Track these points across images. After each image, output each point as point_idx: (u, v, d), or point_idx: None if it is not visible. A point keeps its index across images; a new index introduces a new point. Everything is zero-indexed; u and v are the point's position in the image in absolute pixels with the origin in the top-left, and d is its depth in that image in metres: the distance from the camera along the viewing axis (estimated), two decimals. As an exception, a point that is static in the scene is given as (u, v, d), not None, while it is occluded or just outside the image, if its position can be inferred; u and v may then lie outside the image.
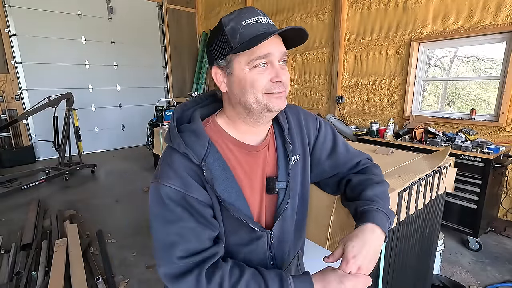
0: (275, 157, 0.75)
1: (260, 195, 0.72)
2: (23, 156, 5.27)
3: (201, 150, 0.64)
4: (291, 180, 0.74)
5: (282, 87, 0.65)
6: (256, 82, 0.63)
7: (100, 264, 2.31)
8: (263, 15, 0.64)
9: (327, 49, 4.32)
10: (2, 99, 5.11)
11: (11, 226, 2.93)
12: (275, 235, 0.74)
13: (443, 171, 1.23)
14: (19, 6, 5.12)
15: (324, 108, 4.54)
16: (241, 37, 0.61)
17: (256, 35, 0.60)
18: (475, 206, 2.45)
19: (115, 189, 4.04)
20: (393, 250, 1.07)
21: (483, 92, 3.26)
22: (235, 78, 0.65)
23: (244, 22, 0.62)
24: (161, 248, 0.63)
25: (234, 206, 0.66)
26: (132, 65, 6.51)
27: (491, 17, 2.71)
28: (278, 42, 0.64)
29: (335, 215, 0.93)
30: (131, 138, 6.66)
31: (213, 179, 0.64)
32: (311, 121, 0.83)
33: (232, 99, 0.68)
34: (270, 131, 0.76)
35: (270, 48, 0.62)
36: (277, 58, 0.64)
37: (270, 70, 0.63)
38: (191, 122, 0.69)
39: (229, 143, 0.70)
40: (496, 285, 2.06)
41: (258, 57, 0.61)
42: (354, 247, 0.65)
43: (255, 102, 0.64)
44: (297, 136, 0.78)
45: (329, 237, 0.95)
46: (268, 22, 0.63)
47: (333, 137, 0.85)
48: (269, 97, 0.64)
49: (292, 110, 0.81)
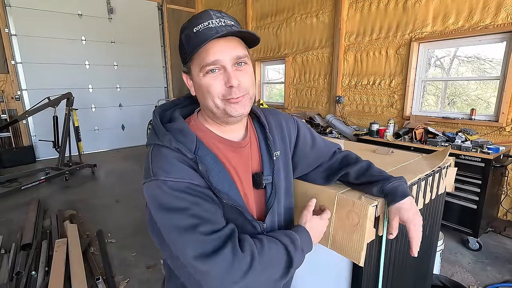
0: (258, 153, 0.77)
1: (248, 190, 0.74)
2: (23, 156, 5.27)
3: (191, 145, 0.65)
4: (275, 174, 0.77)
5: (238, 92, 0.64)
6: (210, 87, 0.63)
7: (100, 264, 2.31)
8: (217, 17, 0.62)
9: (327, 49, 4.32)
10: (2, 99, 5.11)
11: (11, 226, 2.93)
12: (267, 227, 0.76)
13: (443, 171, 1.23)
14: (19, 6, 5.12)
15: (324, 108, 4.54)
16: (192, 44, 0.61)
17: (203, 41, 0.59)
18: (475, 206, 2.45)
19: (115, 189, 4.04)
20: (393, 250, 1.07)
21: (483, 92, 3.26)
22: (195, 84, 0.67)
23: (195, 28, 0.61)
24: (183, 233, 0.59)
25: (229, 196, 0.67)
26: (132, 65, 6.51)
27: (491, 17, 2.71)
28: (230, 45, 0.63)
29: (335, 215, 0.93)
30: (131, 138, 6.66)
31: (208, 171, 0.65)
32: (290, 122, 0.87)
33: (200, 102, 0.70)
34: (250, 129, 0.78)
35: (218, 54, 0.61)
36: (229, 63, 0.63)
37: (223, 75, 0.63)
38: (173, 122, 0.70)
39: (214, 140, 0.71)
40: (496, 285, 2.06)
41: (207, 64, 0.62)
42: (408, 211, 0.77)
43: (215, 107, 0.65)
44: (277, 133, 0.81)
45: (330, 236, 0.95)
46: (219, 25, 0.61)
47: (310, 133, 0.91)
48: (226, 103, 0.64)
49: (271, 112, 0.85)
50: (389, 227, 0.80)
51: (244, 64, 0.65)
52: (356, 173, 0.88)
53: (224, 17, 0.63)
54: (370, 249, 0.94)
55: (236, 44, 0.64)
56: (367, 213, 0.84)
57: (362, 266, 0.87)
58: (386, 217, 0.89)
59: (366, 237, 0.85)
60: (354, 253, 0.88)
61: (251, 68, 0.69)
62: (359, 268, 0.91)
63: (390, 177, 0.84)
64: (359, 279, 0.95)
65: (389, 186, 0.81)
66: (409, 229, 0.76)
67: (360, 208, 0.86)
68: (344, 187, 0.95)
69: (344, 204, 0.90)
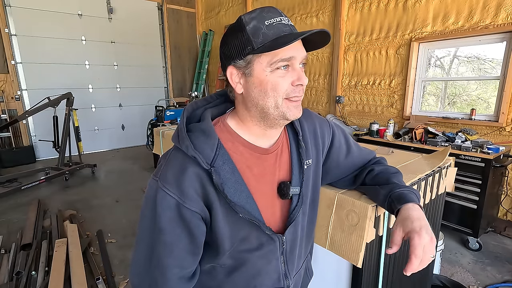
0: (289, 161, 0.72)
1: (270, 199, 0.70)
2: (23, 156, 5.27)
3: (210, 153, 0.61)
4: (304, 185, 0.72)
5: (302, 91, 0.63)
6: (278, 85, 0.60)
7: (100, 264, 2.31)
8: (285, 16, 0.62)
9: (327, 49, 4.31)
10: (2, 99, 5.11)
11: (11, 226, 2.93)
12: (287, 240, 0.72)
13: (443, 171, 1.23)
14: (19, 6, 5.12)
15: (324, 108, 4.54)
16: (264, 37, 0.58)
17: (280, 36, 0.58)
18: (475, 206, 2.45)
19: (115, 189, 4.04)
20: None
21: (483, 92, 3.26)
22: (255, 80, 0.61)
23: (267, 21, 0.59)
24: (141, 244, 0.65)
25: (245, 209, 0.63)
26: (132, 65, 6.51)
27: (491, 17, 2.71)
28: (300, 44, 0.62)
29: (335, 215, 0.93)
30: (131, 138, 6.66)
31: (223, 184, 0.61)
32: (325, 127, 0.82)
33: (248, 101, 0.64)
34: (283, 134, 0.74)
35: (294, 51, 0.60)
36: (299, 61, 0.62)
37: (291, 73, 0.61)
38: (201, 121, 0.66)
39: (239, 144, 0.67)
40: (496, 285, 2.06)
41: (282, 59, 0.59)
42: (413, 222, 0.65)
43: (274, 107, 0.62)
44: (311, 140, 0.77)
45: (329, 237, 0.95)
46: (290, 24, 0.61)
47: (346, 140, 0.86)
48: (288, 105, 0.62)
49: (305, 114, 0.79)
50: (391, 240, 0.69)
51: (304, 66, 0.64)
52: (379, 171, 0.84)
53: (287, 16, 0.63)
54: (370, 249, 0.94)
55: (302, 45, 0.63)
56: (367, 213, 0.84)
57: (360, 267, 0.87)
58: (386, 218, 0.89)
59: (366, 237, 0.85)
60: (352, 254, 0.88)
61: None
62: (359, 268, 0.91)
63: (407, 187, 0.78)
64: (359, 279, 0.95)
65: (400, 191, 0.75)
66: (412, 239, 0.63)
67: (360, 208, 0.86)
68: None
69: (344, 204, 0.90)
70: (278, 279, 0.74)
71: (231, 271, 0.70)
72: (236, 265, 0.69)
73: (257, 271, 0.71)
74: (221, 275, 0.71)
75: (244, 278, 0.71)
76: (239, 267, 0.69)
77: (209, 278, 0.72)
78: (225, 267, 0.70)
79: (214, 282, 0.72)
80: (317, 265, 1.05)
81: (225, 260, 0.68)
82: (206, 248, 0.68)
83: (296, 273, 0.80)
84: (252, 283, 0.72)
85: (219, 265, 0.70)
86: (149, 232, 0.63)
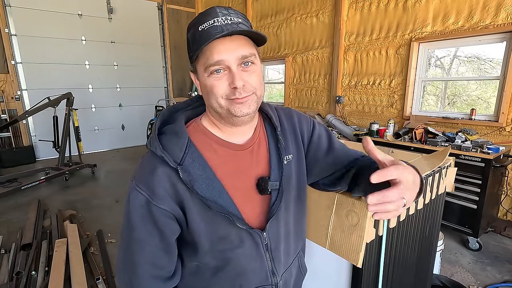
0: (267, 156, 0.72)
1: (249, 195, 0.70)
2: (23, 156, 5.27)
3: (179, 152, 0.63)
4: (284, 180, 0.72)
5: (243, 93, 0.61)
6: (214, 88, 0.62)
7: (100, 264, 2.31)
8: (224, 15, 0.59)
9: (327, 49, 4.32)
10: (2, 99, 5.11)
11: (11, 226, 2.93)
12: (270, 236, 0.72)
13: (443, 171, 1.23)
14: (19, 6, 5.12)
15: (324, 108, 4.54)
16: (197, 43, 0.60)
17: (207, 41, 0.58)
18: (475, 206, 2.45)
19: (115, 189, 4.04)
20: (393, 250, 1.07)
21: (483, 92, 3.26)
22: (201, 83, 0.65)
23: (200, 27, 0.59)
24: (121, 242, 0.68)
25: (217, 203, 0.64)
26: (132, 65, 6.51)
27: (491, 17, 2.71)
28: (236, 44, 0.60)
29: (335, 215, 0.93)
30: (131, 138, 6.66)
31: (192, 180, 0.62)
32: (304, 121, 0.81)
33: (205, 102, 0.68)
34: (260, 130, 0.74)
35: (222, 54, 0.59)
36: (235, 63, 0.60)
37: (227, 75, 0.61)
38: (174, 123, 0.69)
39: (213, 142, 0.68)
40: (496, 285, 2.06)
41: (210, 64, 0.60)
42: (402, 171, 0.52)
43: (219, 107, 0.63)
44: (290, 135, 0.77)
45: (329, 237, 0.95)
46: (225, 23, 0.58)
47: (327, 136, 0.83)
48: (230, 103, 0.62)
49: (285, 111, 0.80)
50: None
51: (251, 64, 0.63)
52: (362, 161, 0.77)
53: (231, 14, 0.60)
54: (370, 249, 0.94)
55: (242, 42, 0.61)
56: (367, 213, 0.84)
57: (360, 267, 0.87)
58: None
59: (366, 237, 0.85)
60: (352, 254, 0.88)
61: (259, 67, 0.66)
62: (359, 268, 0.91)
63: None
64: (359, 279, 0.95)
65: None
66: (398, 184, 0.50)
67: (360, 208, 0.86)
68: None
69: (343, 204, 0.90)
70: (266, 277, 0.74)
71: (216, 271, 0.70)
72: (221, 265, 0.69)
73: (243, 270, 0.71)
74: (207, 275, 0.71)
75: (230, 278, 0.71)
76: (224, 266, 0.70)
77: (195, 280, 0.73)
78: (210, 267, 0.70)
79: (201, 283, 0.72)
80: (317, 265, 1.05)
81: (208, 260, 0.69)
82: (186, 246, 0.70)
83: (285, 270, 0.79)
84: (238, 281, 0.72)
85: (203, 265, 0.70)
86: (126, 231, 0.66)
